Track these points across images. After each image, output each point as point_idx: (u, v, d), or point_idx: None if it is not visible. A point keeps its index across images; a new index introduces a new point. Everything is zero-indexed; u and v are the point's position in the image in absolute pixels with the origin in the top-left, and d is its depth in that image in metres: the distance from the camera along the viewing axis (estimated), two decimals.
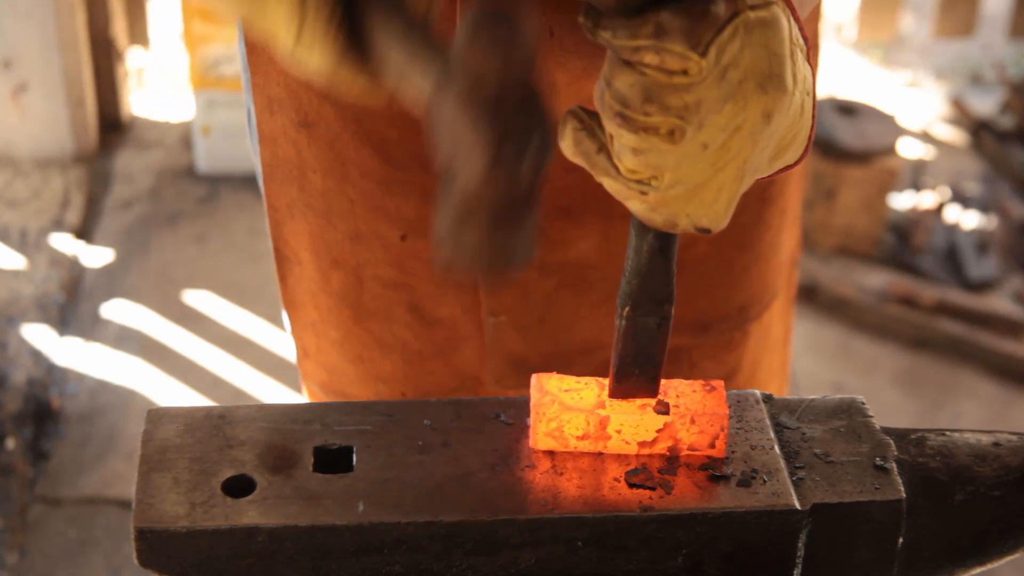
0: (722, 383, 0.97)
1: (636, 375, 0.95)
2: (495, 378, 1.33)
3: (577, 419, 0.95)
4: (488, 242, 0.81)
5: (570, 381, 0.97)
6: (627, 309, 0.93)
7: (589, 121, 0.87)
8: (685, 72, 0.81)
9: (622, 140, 0.84)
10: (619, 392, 0.96)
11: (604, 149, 0.86)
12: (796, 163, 0.96)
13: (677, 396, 0.96)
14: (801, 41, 0.89)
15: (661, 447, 0.95)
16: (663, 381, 0.97)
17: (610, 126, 0.84)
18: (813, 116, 0.94)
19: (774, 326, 1.43)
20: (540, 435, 0.95)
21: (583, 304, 1.28)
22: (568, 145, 0.88)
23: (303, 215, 1.29)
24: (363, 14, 0.86)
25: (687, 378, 1.36)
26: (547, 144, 0.81)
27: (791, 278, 1.47)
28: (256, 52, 1.22)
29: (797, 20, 0.88)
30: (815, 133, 0.98)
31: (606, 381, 0.97)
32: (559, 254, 1.24)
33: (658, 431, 0.95)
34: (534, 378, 0.97)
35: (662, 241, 0.91)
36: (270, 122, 1.25)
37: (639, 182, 0.85)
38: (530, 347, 1.30)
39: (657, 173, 0.84)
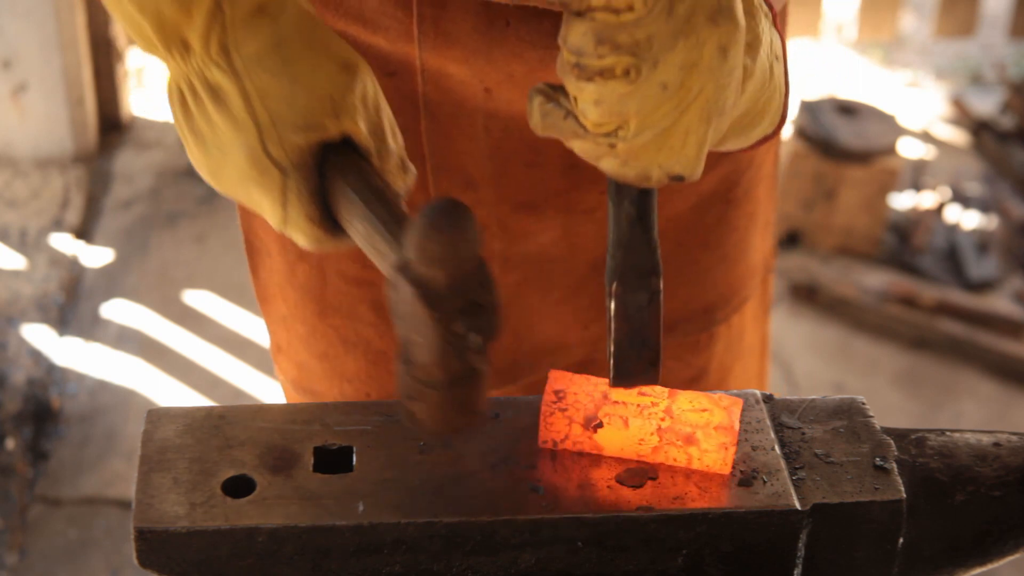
0: (740, 401, 0.97)
1: (635, 360, 0.94)
2: None
3: (584, 417, 0.95)
4: (443, 410, 0.88)
5: (581, 380, 0.97)
6: (614, 285, 0.92)
7: (552, 93, 0.88)
8: (631, 8, 0.82)
9: (584, 94, 0.85)
10: (620, 380, 0.95)
11: (570, 114, 0.87)
12: (774, 133, 0.96)
13: (689, 407, 0.96)
14: (765, 7, 0.90)
15: (664, 456, 0.95)
16: (676, 390, 0.97)
17: (570, 84, 0.86)
18: (787, 85, 0.94)
19: (746, 332, 1.43)
20: (547, 433, 0.95)
21: (545, 301, 1.28)
22: (536, 120, 0.89)
23: None
24: (333, 192, 0.95)
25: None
26: (495, 321, 0.88)
27: (765, 286, 1.47)
28: None
29: None
30: (815, 133, 1.00)
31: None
32: (520, 248, 1.24)
33: (660, 436, 0.94)
34: (549, 375, 0.97)
35: (639, 208, 0.90)
36: None
37: (607, 135, 0.86)
38: (493, 345, 1.30)
39: (622, 122, 0.85)
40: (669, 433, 0.94)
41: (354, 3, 1.12)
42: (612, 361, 0.94)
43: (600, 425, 0.95)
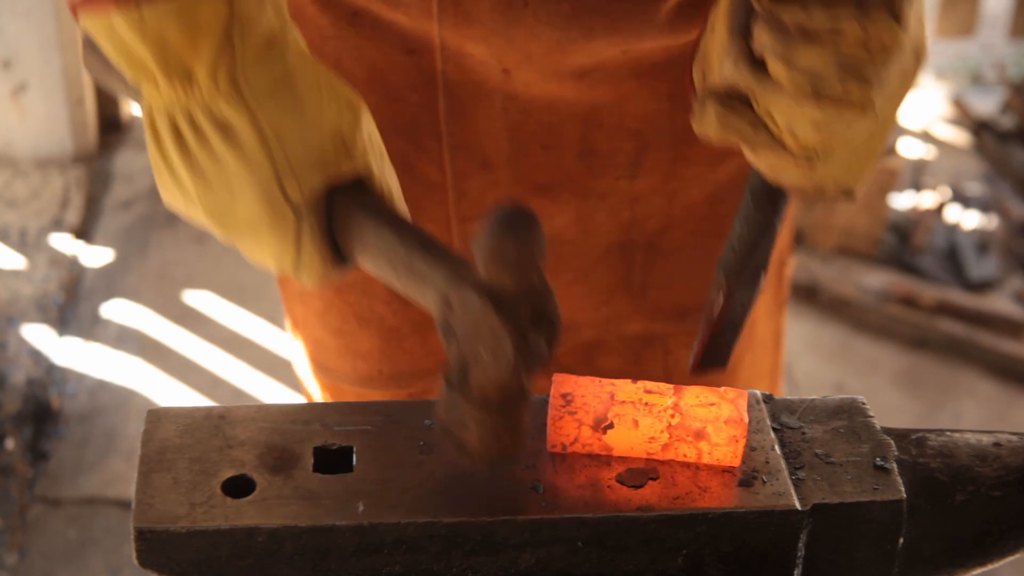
0: (745, 393, 0.97)
1: (721, 345, 0.95)
2: None
3: (593, 419, 0.95)
4: (498, 435, 0.86)
5: (587, 382, 0.97)
6: (727, 279, 0.93)
7: (728, 99, 0.87)
8: (884, 49, 0.81)
9: (803, 115, 0.83)
10: (704, 368, 0.96)
11: (760, 124, 0.85)
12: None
13: (697, 402, 0.96)
14: None
15: (675, 453, 0.95)
16: (682, 386, 0.97)
17: (784, 103, 0.83)
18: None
19: (759, 325, 1.43)
20: (557, 436, 0.95)
21: (558, 282, 1.28)
22: (713, 126, 0.87)
23: None
24: (344, 228, 0.92)
25: (662, 366, 1.36)
26: (557, 330, 0.85)
27: (780, 279, 1.47)
28: None
29: None
30: None
31: (621, 383, 0.96)
32: None
33: (670, 433, 0.94)
34: (554, 378, 0.97)
35: (778, 216, 0.91)
36: None
37: (807, 156, 0.85)
38: None
39: (832, 146, 0.84)
40: (679, 429, 0.94)
41: None
42: (701, 348, 0.95)
43: (610, 426, 0.95)
